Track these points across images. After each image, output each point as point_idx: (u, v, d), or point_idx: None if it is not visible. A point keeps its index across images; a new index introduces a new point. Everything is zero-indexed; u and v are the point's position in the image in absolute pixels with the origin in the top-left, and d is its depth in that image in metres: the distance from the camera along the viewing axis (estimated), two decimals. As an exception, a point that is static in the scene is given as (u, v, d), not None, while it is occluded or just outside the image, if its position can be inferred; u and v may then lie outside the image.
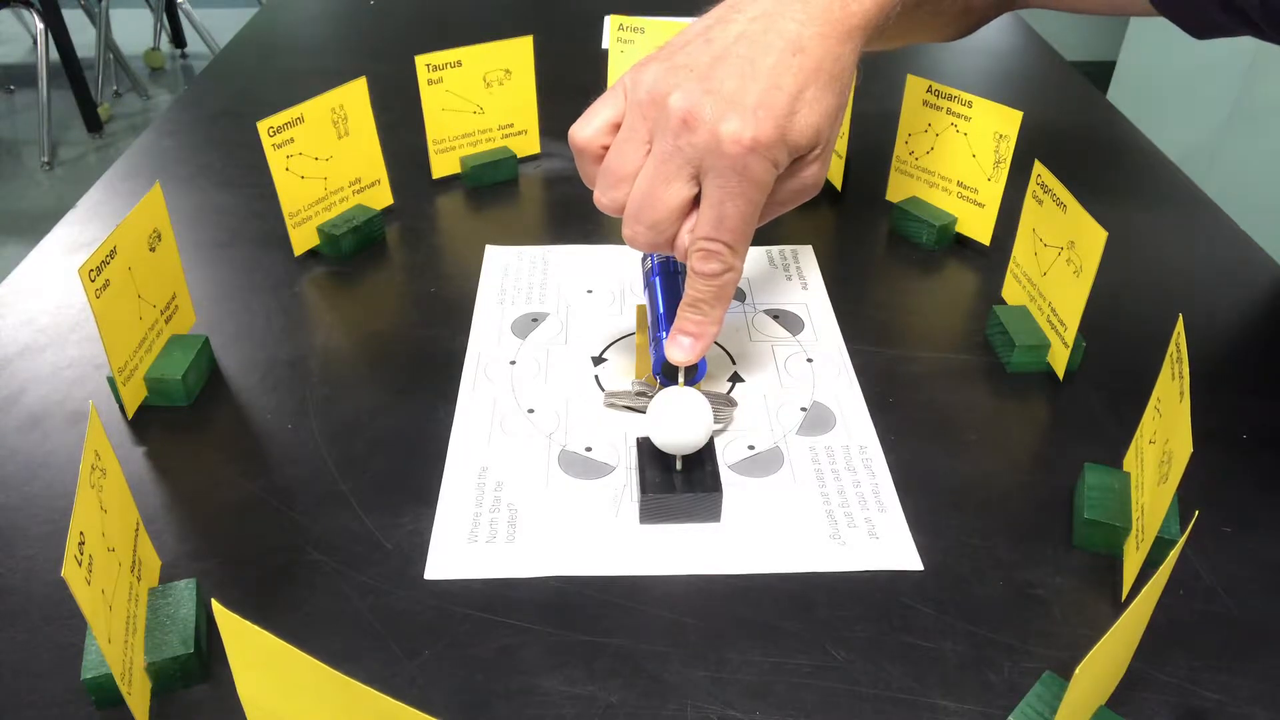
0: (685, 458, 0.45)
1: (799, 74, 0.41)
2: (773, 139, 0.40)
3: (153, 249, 0.50)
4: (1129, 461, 0.46)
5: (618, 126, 0.44)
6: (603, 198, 0.44)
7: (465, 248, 0.66)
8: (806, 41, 0.42)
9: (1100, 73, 2.01)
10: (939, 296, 0.62)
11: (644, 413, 0.51)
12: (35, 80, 2.53)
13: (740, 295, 0.60)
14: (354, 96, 0.63)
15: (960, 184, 0.64)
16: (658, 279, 0.51)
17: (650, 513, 0.44)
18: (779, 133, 0.40)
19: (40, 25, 2.49)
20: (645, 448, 0.46)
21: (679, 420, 0.43)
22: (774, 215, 0.46)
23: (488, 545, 0.43)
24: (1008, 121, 0.60)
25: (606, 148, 0.44)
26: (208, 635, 0.39)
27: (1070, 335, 0.51)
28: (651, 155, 0.42)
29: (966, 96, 0.61)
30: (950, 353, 0.56)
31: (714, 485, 0.44)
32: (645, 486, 0.44)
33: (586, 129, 0.44)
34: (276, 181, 0.60)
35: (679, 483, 0.44)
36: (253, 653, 0.24)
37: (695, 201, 0.43)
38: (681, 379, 0.46)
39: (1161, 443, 0.40)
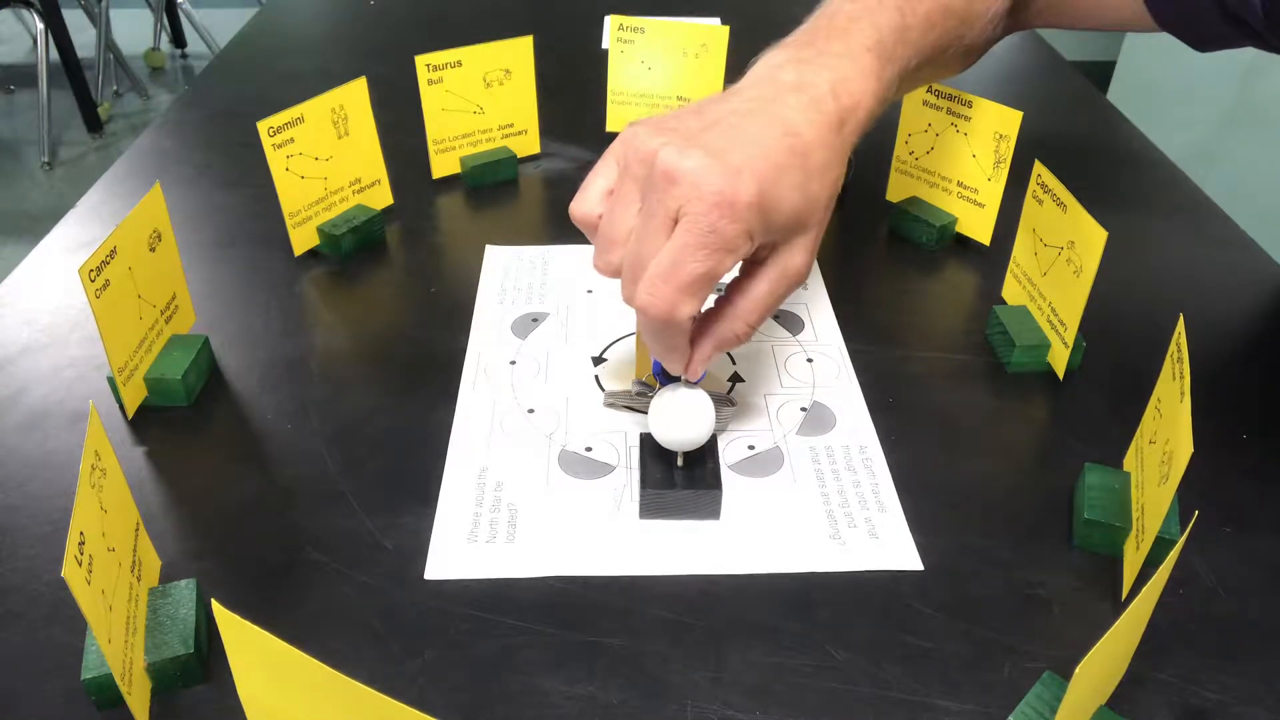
0: (687, 455, 0.45)
1: (789, 154, 0.41)
2: (750, 202, 0.39)
3: (153, 249, 0.50)
4: (1129, 461, 0.46)
5: (611, 195, 0.44)
6: (598, 261, 0.43)
7: (465, 248, 0.66)
8: (801, 127, 0.42)
9: (1100, 73, 2.01)
10: (939, 296, 0.62)
11: (644, 412, 0.51)
12: (35, 80, 2.52)
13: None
14: (354, 96, 0.63)
15: (960, 184, 0.64)
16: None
17: (650, 508, 0.44)
18: (758, 199, 0.39)
19: (40, 25, 2.49)
20: (648, 443, 0.46)
21: (680, 417, 0.43)
22: (760, 307, 0.43)
23: (488, 545, 0.43)
24: (1008, 121, 0.60)
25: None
26: (208, 635, 0.39)
27: (1070, 335, 0.51)
28: (640, 213, 0.41)
29: (966, 96, 0.61)
30: (950, 353, 0.56)
31: (714, 483, 0.44)
32: (646, 481, 0.44)
33: (583, 203, 0.44)
34: (276, 181, 0.60)
35: (679, 479, 0.44)
36: (253, 653, 0.24)
37: None
38: (689, 376, 0.46)
39: (1161, 443, 0.40)
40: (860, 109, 0.44)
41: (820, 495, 0.46)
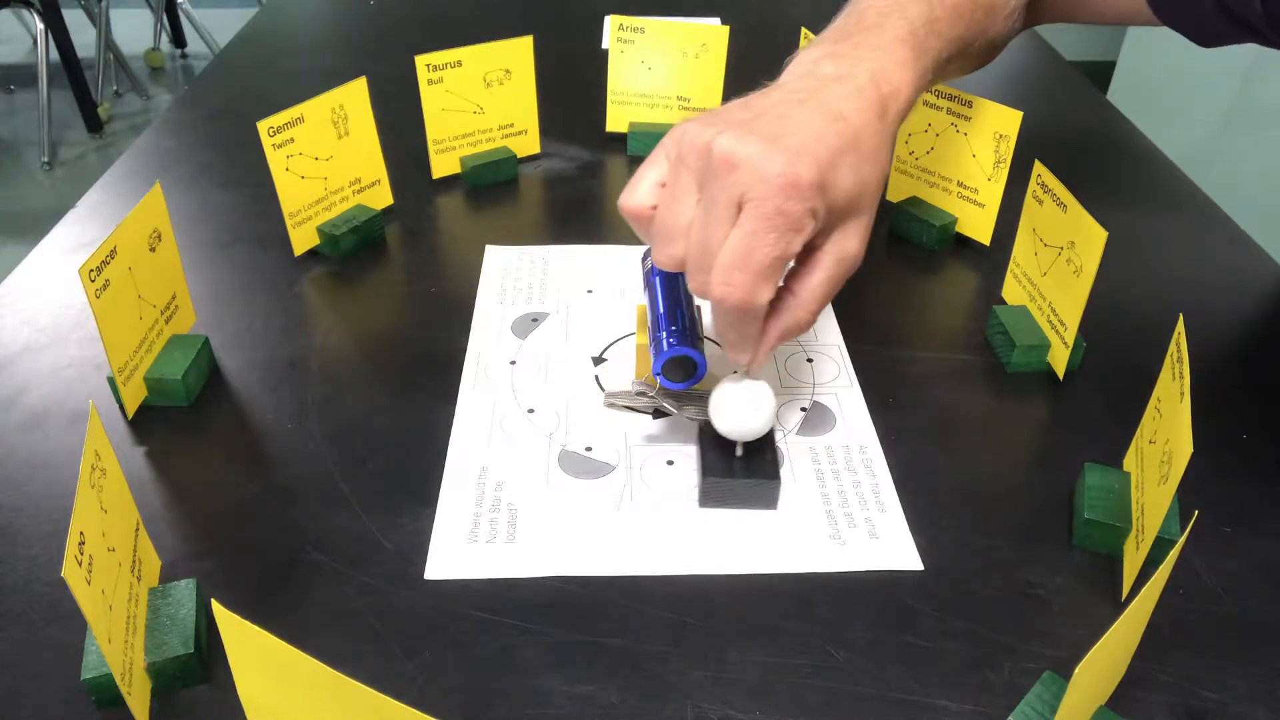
0: (747, 445, 0.45)
1: (840, 137, 0.41)
2: (813, 182, 0.39)
3: (153, 249, 0.50)
4: (1129, 461, 0.46)
5: (664, 187, 0.44)
6: (660, 255, 0.43)
7: (465, 248, 0.66)
8: (848, 113, 0.42)
9: (1100, 73, 2.01)
10: (939, 296, 0.62)
11: (644, 412, 0.51)
12: (35, 80, 2.52)
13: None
14: (354, 96, 0.63)
15: (960, 184, 0.64)
16: (658, 279, 0.51)
17: (710, 496, 0.45)
18: (819, 178, 0.40)
19: (40, 25, 2.49)
20: (708, 433, 0.46)
21: (744, 408, 0.44)
22: (820, 294, 0.43)
23: (488, 545, 0.43)
24: (1008, 121, 0.60)
25: (656, 208, 0.44)
26: (208, 635, 0.39)
27: (1070, 335, 0.51)
28: (700, 203, 0.41)
29: (966, 96, 0.61)
30: (950, 353, 0.56)
31: (773, 473, 0.45)
32: (707, 470, 0.45)
33: (633, 195, 0.44)
34: (276, 181, 0.60)
35: (739, 469, 0.45)
36: (253, 653, 0.24)
37: None
38: (754, 369, 0.45)
39: (1161, 443, 0.40)
40: (900, 96, 0.45)
41: (820, 495, 0.46)
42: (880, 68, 0.45)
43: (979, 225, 0.64)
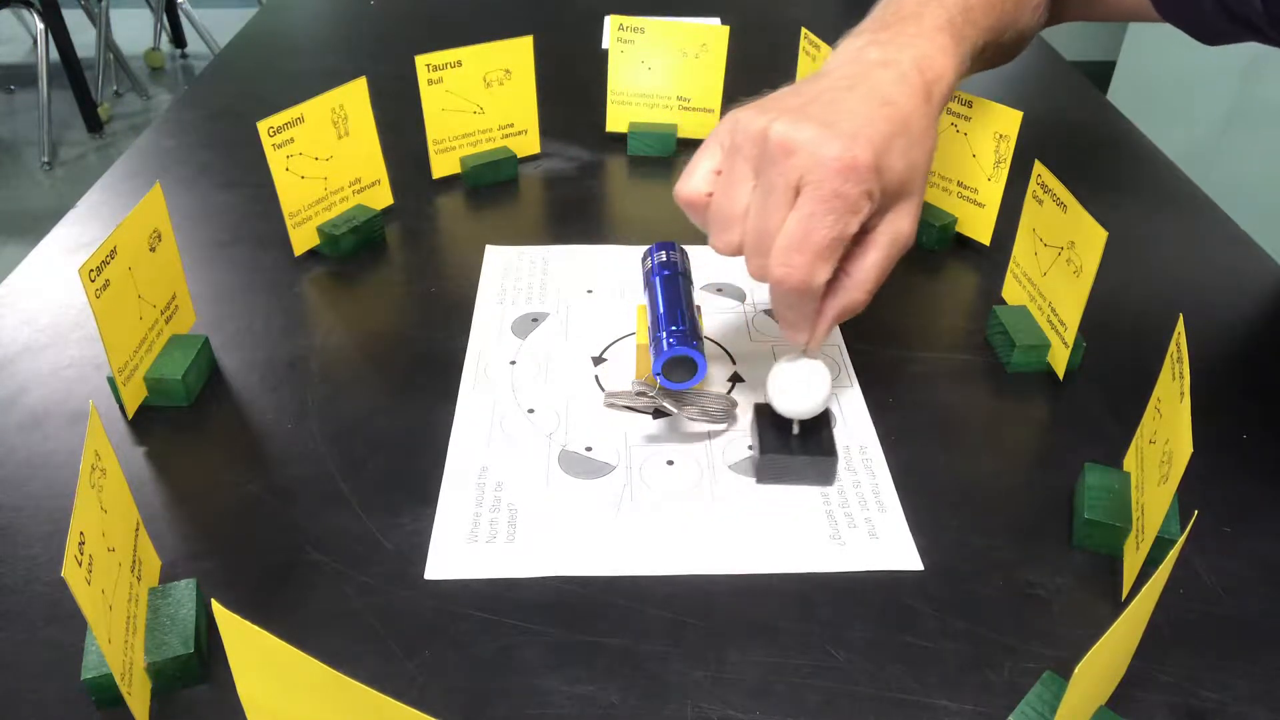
0: (803, 423, 0.46)
1: (889, 121, 0.42)
2: (869, 164, 0.40)
3: (153, 249, 0.50)
4: (1129, 461, 0.46)
5: (718, 175, 0.44)
6: (717, 242, 0.44)
7: (465, 248, 0.66)
8: (896, 97, 0.43)
9: (1100, 73, 2.01)
10: (939, 296, 0.62)
11: (644, 412, 0.51)
12: (35, 80, 2.52)
13: (740, 295, 0.60)
14: (354, 96, 0.63)
15: (960, 184, 0.64)
16: (658, 279, 0.51)
17: (767, 473, 0.46)
18: (875, 161, 0.40)
19: (40, 25, 2.49)
20: (764, 411, 0.47)
21: (801, 388, 0.45)
22: (875, 274, 0.44)
23: (488, 545, 0.43)
24: (1008, 121, 0.60)
25: (712, 195, 0.45)
26: (208, 635, 0.39)
27: (1070, 335, 0.51)
28: (757, 188, 0.42)
29: (966, 96, 0.61)
30: (950, 353, 0.56)
31: (830, 450, 0.46)
32: (764, 447, 0.46)
33: (689, 182, 0.45)
34: (276, 181, 0.60)
35: (796, 446, 0.46)
36: (253, 653, 0.24)
37: None
38: (811, 349, 0.46)
39: (1161, 443, 0.40)
40: (943, 81, 0.46)
41: (820, 495, 0.46)
42: (923, 54, 0.46)
43: (979, 225, 0.64)
